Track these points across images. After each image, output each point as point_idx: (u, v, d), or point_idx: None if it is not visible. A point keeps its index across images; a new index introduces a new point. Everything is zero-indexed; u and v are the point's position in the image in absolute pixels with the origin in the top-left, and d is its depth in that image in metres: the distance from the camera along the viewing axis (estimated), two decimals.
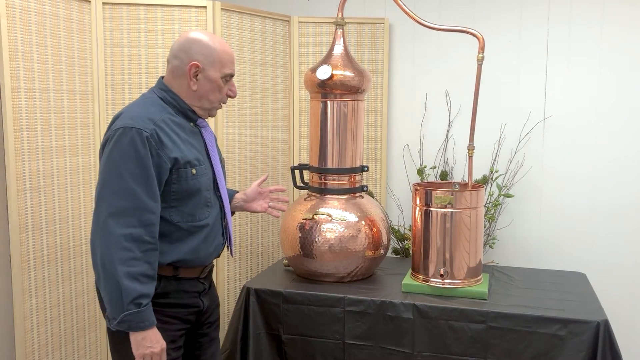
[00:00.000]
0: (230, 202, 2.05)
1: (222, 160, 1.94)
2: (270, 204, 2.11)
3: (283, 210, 2.16)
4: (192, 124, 1.80)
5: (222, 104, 1.85)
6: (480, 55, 2.26)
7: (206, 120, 1.88)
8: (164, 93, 1.76)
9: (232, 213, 2.10)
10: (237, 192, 2.13)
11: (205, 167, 1.78)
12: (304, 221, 2.39)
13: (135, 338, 1.60)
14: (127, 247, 1.56)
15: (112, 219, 1.57)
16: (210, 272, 1.92)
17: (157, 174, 1.63)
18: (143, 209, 1.60)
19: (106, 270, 1.56)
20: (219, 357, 2.00)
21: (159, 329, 1.67)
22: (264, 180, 2.12)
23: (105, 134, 1.68)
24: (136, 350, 1.60)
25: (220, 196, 1.85)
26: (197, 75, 1.74)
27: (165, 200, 1.68)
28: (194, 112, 1.79)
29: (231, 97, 1.83)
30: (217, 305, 1.98)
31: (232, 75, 1.80)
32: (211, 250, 1.81)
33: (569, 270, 2.67)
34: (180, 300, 1.76)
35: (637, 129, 2.78)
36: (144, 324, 1.59)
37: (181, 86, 1.76)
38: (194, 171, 1.72)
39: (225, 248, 1.94)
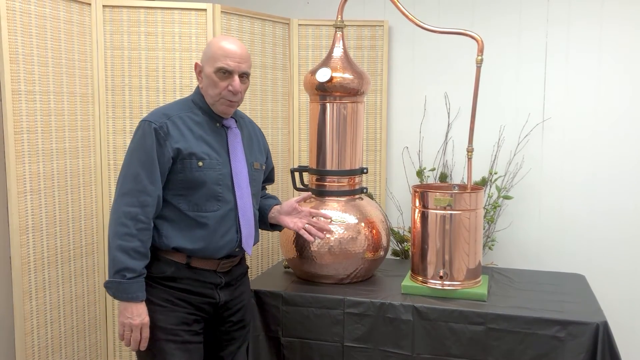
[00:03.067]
0: (269, 210, 2.12)
1: (252, 165, 1.99)
2: (307, 226, 2.06)
3: (320, 238, 2.13)
4: (218, 124, 1.92)
5: (232, 101, 1.88)
6: (479, 57, 2.27)
7: (237, 121, 1.98)
8: (194, 95, 1.95)
9: (274, 226, 2.15)
10: (279, 203, 2.16)
11: (219, 164, 1.88)
12: None
13: (119, 306, 1.79)
14: (125, 223, 1.75)
15: (119, 198, 1.78)
16: (235, 270, 1.98)
17: (162, 161, 1.80)
18: (143, 191, 1.77)
19: (108, 240, 1.78)
20: (242, 358, 2.04)
21: (168, 309, 1.82)
22: (305, 199, 2.14)
23: None
24: (118, 317, 1.79)
25: (236, 194, 1.90)
26: (200, 73, 1.91)
27: (174, 188, 1.84)
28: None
29: (232, 92, 1.86)
30: (244, 307, 2.03)
31: (227, 70, 1.84)
32: (221, 244, 1.88)
33: (568, 272, 2.67)
34: (191, 287, 1.87)
35: (637, 131, 2.78)
36: (126, 295, 1.75)
37: (202, 89, 1.92)
38: (200, 164, 1.83)
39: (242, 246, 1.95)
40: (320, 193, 2.47)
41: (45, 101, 2.25)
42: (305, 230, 2.05)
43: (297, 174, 2.57)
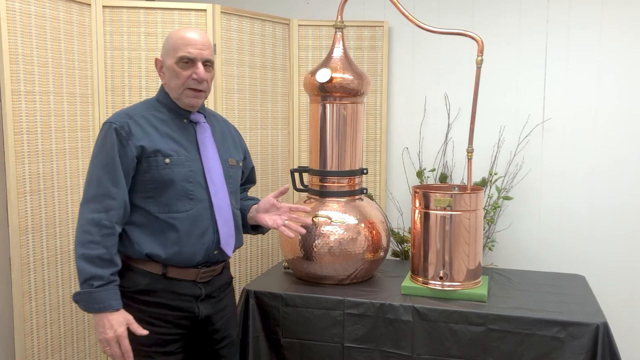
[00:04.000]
0: (248, 211, 2.02)
1: (227, 161, 1.90)
2: (287, 222, 1.93)
3: (301, 233, 1.96)
4: (185, 120, 1.85)
5: (197, 91, 1.80)
6: (479, 58, 2.27)
7: (208, 116, 1.91)
8: (158, 94, 1.88)
9: (255, 228, 2.04)
10: (257, 202, 2.05)
11: (188, 160, 1.79)
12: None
13: (94, 321, 1.69)
14: (88, 230, 1.67)
15: (83, 205, 1.71)
16: (216, 281, 1.88)
17: (125, 162, 1.72)
18: (106, 195, 1.69)
19: (75, 250, 1.70)
20: None
21: (143, 328, 1.69)
22: (283, 193, 1.96)
23: None
24: (96, 334, 1.68)
25: (210, 192, 1.81)
26: (161, 69, 1.84)
27: (142, 189, 1.75)
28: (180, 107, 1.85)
29: (197, 80, 1.77)
30: (229, 321, 1.94)
31: (189, 59, 1.76)
32: (197, 247, 1.77)
33: (568, 273, 2.67)
34: (168, 301, 1.76)
35: (637, 131, 2.78)
36: (97, 305, 1.64)
37: (166, 85, 1.85)
38: (167, 160, 1.75)
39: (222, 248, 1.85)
40: (321, 194, 2.47)
41: (45, 102, 2.25)
42: (286, 227, 1.92)
43: (297, 175, 2.57)
